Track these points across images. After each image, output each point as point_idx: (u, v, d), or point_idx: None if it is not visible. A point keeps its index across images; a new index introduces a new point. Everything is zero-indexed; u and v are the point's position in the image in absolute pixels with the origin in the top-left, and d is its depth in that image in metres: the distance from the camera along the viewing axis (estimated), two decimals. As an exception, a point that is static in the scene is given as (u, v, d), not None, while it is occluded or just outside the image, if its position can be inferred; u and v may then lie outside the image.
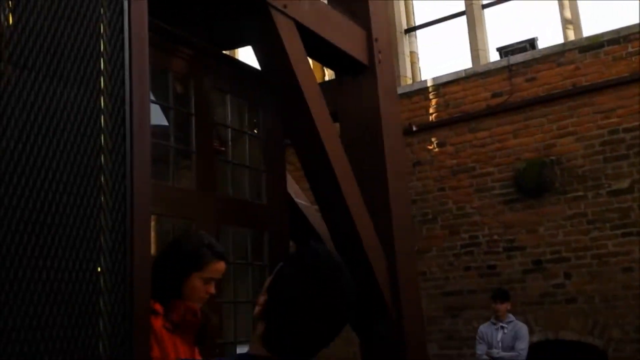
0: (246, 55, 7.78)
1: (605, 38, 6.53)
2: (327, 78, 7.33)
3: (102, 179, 1.65)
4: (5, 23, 1.50)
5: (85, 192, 1.60)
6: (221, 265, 2.18)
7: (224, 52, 5.70)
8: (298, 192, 4.71)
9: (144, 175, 1.71)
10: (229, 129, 3.91)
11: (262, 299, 1.23)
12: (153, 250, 2.62)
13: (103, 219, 1.63)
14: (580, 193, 6.48)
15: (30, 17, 1.54)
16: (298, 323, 1.17)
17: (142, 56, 1.75)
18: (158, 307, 2.04)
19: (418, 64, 8.11)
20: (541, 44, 7.09)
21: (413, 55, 8.11)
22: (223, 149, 3.91)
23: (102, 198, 1.64)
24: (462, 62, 7.73)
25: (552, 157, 6.64)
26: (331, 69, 4.98)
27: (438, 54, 8.13)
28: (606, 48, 6.51)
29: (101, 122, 1.68)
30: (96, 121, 1.67)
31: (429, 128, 7.39)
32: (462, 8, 7.70)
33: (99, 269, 1.59)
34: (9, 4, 1.50)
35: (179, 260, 2.11)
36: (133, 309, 1.68)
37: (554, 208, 6.59)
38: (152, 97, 3.41)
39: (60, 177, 1.56)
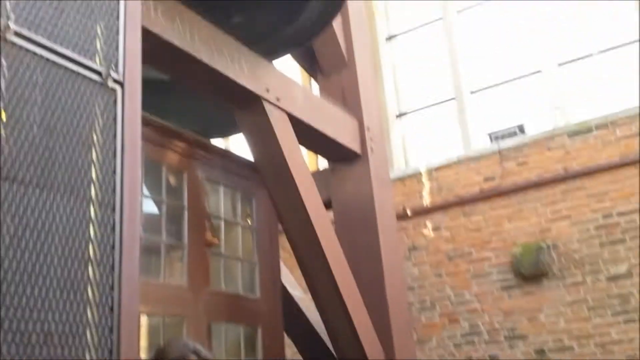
0: (238, 142, 7.86)
1: (594, 123, 6.65)
2: (321, 166, 7.38)
3: (90, 291, 1.59)
4: (-2, 136, 1.48)
5: (71, 307, 1.53)
6: None
7: (216, 139, 5.77)
8: (293, 282, 4.63)
9: (132, 285, 1.65)
10: (222, 221, 3.87)
11: None
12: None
13: (89, 334, 1.55)
14: (579, 278, 6.39)
15: (22, 130, 1.53)
16: None
17: (134, 171, 1.74)
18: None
19: (410, 147, 8.21)
20: (530, 128, 7.21)
21: (405, 139, 8.23)
22: (216, 241, 3.86)
23: (89, 312, 1.57)
24: (453, 145, 7.83)
25: (548, 242, 6.59)
26: (324, 157, 5.02)
27: (429, 137, 8.25)
28: (595, 132, 6.61)
29: (90, 232, 1.64)
30: (85, 231, 1.63)
31: (423, 212, 7.38)
32: (452, 94, 7.88)
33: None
34: (1, 117, 1.50)
35: None
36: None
37: (553, 294, 6.48)
38: (146, 191, 3.39)
39: (47, 292, 1.50)
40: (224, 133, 5.64)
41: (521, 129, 7.19)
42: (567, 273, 6.45)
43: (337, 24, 4.65)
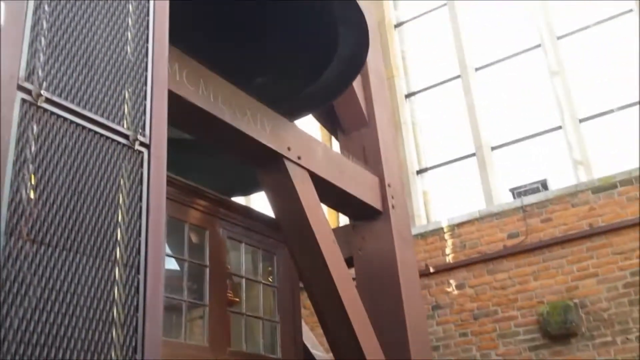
0: (260, 200, 7.90)
1: (618, 179, 6.59)
2: (342, 223, 7.36)
3: (113, 354, 1.59)
4: (27, 199, 1.52)
5: (94, 370, 1.53)
6: None
7: (237, 197, 5.81)
8: (314, 341, 4.56)
9: (155, 348, 1.65)
10: (243, 279, 3.86)
11: None
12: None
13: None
14: (609, 338, 6.19)
15: (51, 193, 1.56)
16: None
17: (159, 232, 1.76)
18: None
19: (431, 203, 8.17)
20: (553, 184, 7.16)
21: (426, 194, 8.20)
22: (237, 299, 3.84)
23: (111, 375, 1.56)
24: (475, 201, 7.77)
25: (576, 300, 6.43)
26: (345, 215, 5.01)
27: (451, 193, 8.21)
28: (619, 189, 6.54)
29: (114, 294, 1.65)
30: (110, 292, 1.64)
31: (446, 269, 7.27)
32: (472, 150, 7.88)
33: None
34: (31, 181, 1.54)
35: None
36: None
37: (582, 355, 6.26)
38: (168, 249, 3.42)
39: (71, 354, 1.50)
40: (246, 191, 5.69)
41: (544, 185, 7.14)
42: (596, 333, 6.26)
43: (357, 83, 4.73)
